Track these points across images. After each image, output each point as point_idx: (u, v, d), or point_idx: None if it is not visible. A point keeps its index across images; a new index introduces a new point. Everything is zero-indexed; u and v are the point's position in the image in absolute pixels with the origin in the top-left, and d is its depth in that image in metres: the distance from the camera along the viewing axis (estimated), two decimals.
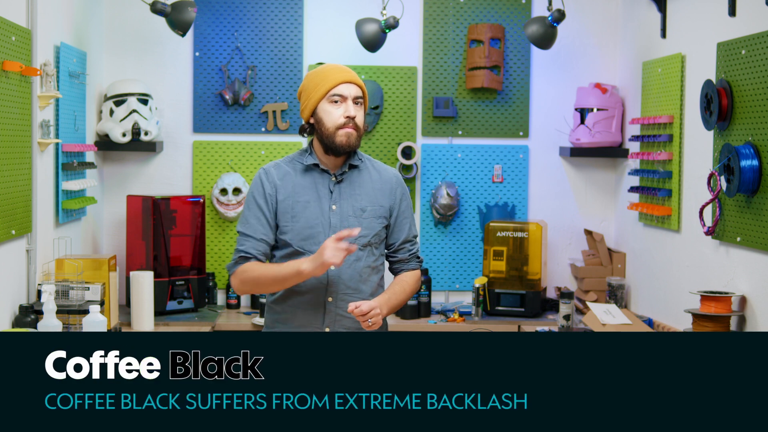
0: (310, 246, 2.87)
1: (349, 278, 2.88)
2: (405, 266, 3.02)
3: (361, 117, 2.90)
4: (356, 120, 2.88)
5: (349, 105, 2.87)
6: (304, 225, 2.87)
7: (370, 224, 2.92)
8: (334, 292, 2.87)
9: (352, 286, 2.89)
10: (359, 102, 2.90)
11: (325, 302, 2.87)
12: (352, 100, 2.88)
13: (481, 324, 4.41)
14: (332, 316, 2.87)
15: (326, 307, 2.87)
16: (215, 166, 4.79)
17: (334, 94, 2.87)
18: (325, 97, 2.88)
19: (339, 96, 2.87)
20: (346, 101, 2.87)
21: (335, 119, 2.87)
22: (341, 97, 2.87)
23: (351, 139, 2.87)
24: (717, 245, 3.62)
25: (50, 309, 3.06)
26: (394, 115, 4.85)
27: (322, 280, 2.86)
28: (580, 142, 4.67)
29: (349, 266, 2.88)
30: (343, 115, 2.86)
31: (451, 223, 4.88)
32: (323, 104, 2.89)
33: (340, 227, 2.88)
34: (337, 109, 2.87)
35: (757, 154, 3.26)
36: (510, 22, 4.84)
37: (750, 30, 3.37)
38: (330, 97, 2.87)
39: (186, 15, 4.25)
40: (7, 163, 3.28)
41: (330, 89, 2.87)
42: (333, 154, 2.91)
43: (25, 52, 3.45)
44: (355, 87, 2.90)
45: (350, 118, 2.86)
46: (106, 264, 3.80)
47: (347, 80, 2.88)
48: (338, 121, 2.86)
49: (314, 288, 2.87)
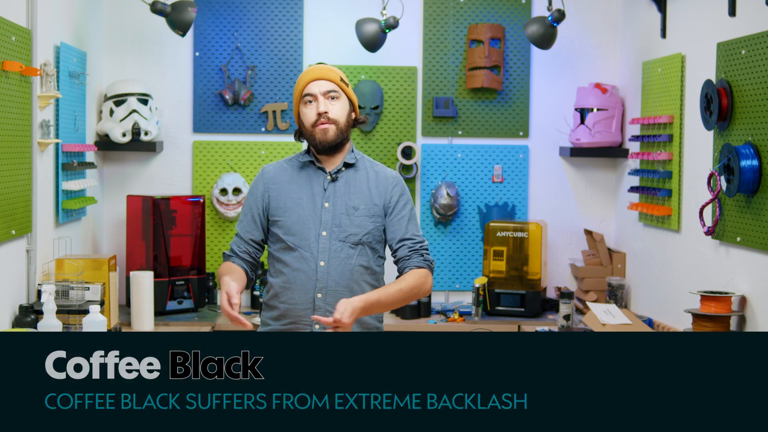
0: (299, 241, 2.90)
1: (339, 275, 2.89)
2: (407, 263, 2.95)
3: (337, 110, 2.92)
4: (329, 114, 2.91)
5: (320, 101, 2.91)
6: (295, 220, 2.92)
7: (362, 222, 2.93)
8: (323, 289, 2.88)
9: (343, 284, 2.89)
10: (333, 96, 2.93)
11: (314, 298, 2.88)
12: (323, 96, 2.91)
13: (481, 324, 4.41)
14: (322, 312, 2.87)
15: (315, 303, 2.88)
16: (215, 166, 4.79)
17: (305, 94, 2.94)
18: (301, 100, 2.95)
19: (309, 95, 2.93)
20: (317, 99, 2.92)
21: (309, 119, 2.93)
22: (311, 96, 2.92)
23: (327, 135, 2.90)
24: (717, 245, 3.62)
25: (50, 309, 3.06)
26: (394, 115, 4.85)
27: (312, 276, 2.88)
28: (580, 142, 4.67)
29: (339, 263, 2.89)
30: (315, 113, 2.90)
31: (451, 223, 4.88)
32: (300, 107, 2.96)
33: (331, 224, 2.91)
34: (310, 109, 2.93)
35: (757, 154, 3.26)
36: (510, 22, 4.84)
37: (750, 30, 3.37)
38: (303, 99, 2.95)
39: (186, 15, 4.25)
40: (7, 163, 3.28)
41: (302, 92, 2.95)
42: (319, 152, 2.95)
43: (25, 52, 3.45)
44: (325, 82, 2.92)
45: (320, 113, 2.90)
46: (106, 264, 3.80)
47: (314, 78, 2.93)
48: (311, 120, 2.92)
49: (304, 285, 2.89)
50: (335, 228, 2.91)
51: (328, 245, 2.89)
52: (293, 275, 2.90)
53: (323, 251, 2.89)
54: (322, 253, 2.89)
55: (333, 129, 2.91)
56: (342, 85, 2.95)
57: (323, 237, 2.90)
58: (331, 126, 2.90)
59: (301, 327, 2.90)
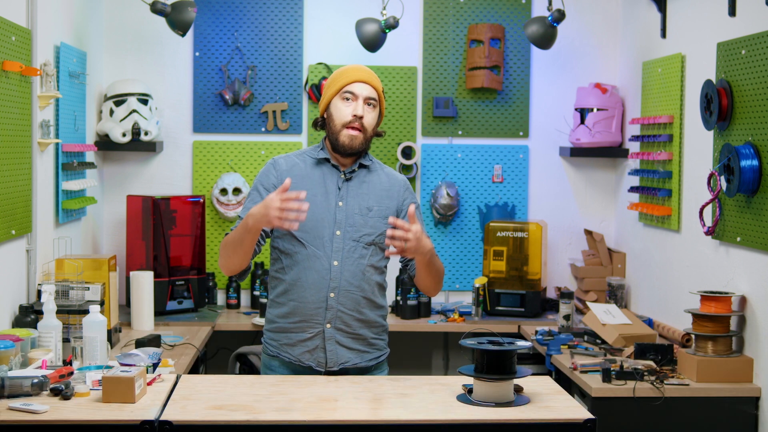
0: (313, 239, 2.87)
1: (352, 275, 2.88)
2: None
3: (370, 119, 2.90)
4: (364, 121, 2.88)
5: (359, 104, 2.88)
6: (309, 218, 2.84)
7: (376, 224, 2.92)
8: (336, 288, 2.87)
9: (355, 283, 2.89)
10: (372, 104, 2.91)
11: (327, 298, 2.87)
12: (363, 100, 2.89)
13: (481, 324, 4.41)
14: (333, 311, 2.87)
15: (328, 302, 2.87)
16: (215, 166, 4.79)
17: (346, 91, 2.89)
18: (339, 93, 2.90)
19: (351, 93, 2.89)
20: (357, 100, 2.88)
21: (343, 116, 2.88)
22: (353, 95, 2.89)
23: (354, 141, 2.88)
24: (717, 245, 3.62)
25: (50, 309, 3.06)
26: (394, 115, 4.85)
27: (325, 276, 2.87)
28: (580, 142, 4.67)
29: (352, 263, 2.88)
30: (352, 113, 2.87)
31: (451, 223, 4.88)
32: (335, 100, 2.91)
33: (345, 224, 2.89)
34: (347, 107, 2.89)
35: (757, 154, 3.26)
36: (510, 22, 4.84)
37: (750, 30, 3.37)
38: (342, 94, 2.90)
39: (186, 15, 4.25)
40: (7, 163, 3.28)
41: (344, 86, 2.90)
42: (338, 153, 2.92)
43: (25, 52, 3.45)
44: (370, 88, 2.91)
45: (357, 117, 2.87)
46: (106, 264, 3.80)
47: (361, 79, 2.90)
48: (345, 119, 2.88)
49: (316, 283, 2.87)
50: (349, 227, 2.89)
51: (342, 245, 2.88)
52: (305, 273, 2.88)
53: (337, 251, 2.88)
54: (336, 253, 2.87)
55: (361, 137, 2.88)
56: (382, 96, 2.95)
57: (337, 236, 2.88)
58: (360, 134, 2.88)
59: (311, 325, 2.90)
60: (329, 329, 2.88)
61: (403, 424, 2.47)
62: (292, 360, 2.91)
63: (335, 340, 2.89)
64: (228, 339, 4.52)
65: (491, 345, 2.61)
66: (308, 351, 2.90)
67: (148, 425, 2.40)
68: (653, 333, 3.85)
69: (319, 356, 2.90)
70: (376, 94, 2.92)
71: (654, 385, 3.32)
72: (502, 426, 2.49)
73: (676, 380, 3.37)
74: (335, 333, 2.88)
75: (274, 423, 2.44)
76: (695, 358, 3.38)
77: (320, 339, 2.89)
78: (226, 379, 2.84)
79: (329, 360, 2.89)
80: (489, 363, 2.58)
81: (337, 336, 2.88)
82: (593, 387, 3.32)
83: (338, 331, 2.88)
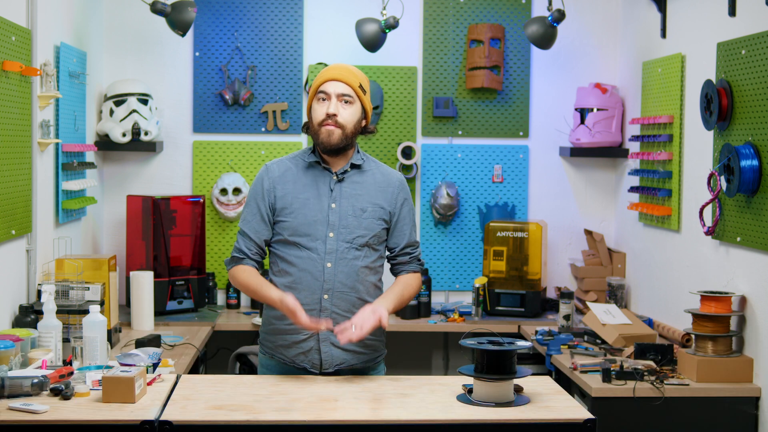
0: (307, 242, 2.89)
1: (346, 276, 2.89)
2: (405, 267, 3.03)
3: (346, 115, 2.90)
4: (338, 118, 2.88)
5: (332, 102, 2.89)
6: (302, 221, 2.89)
7: (370, 225, 2.92)
8: (330, 290, 2.88)
9: (349, 285, 2.89)
10: (347, 100, 2.91)
11: (321, 299, 2.88)
12: (336, 98, 2.89)
13: (481, 324, 4.41)
14: (328, 313, 2.87)
15: (322, 304, 2.87)
16: (215, 166, 4.79)
17: (320, 91, 2.92)
18: (315, 95, 2.93)
19: (324, 93, 2.91)
20: (330, 98, 2.90)
21: (318, 116, 2.91)
22: (326, 94, 2.90)
23: (332, 137, 2.88)
24: (717, 245, 3.62)
25: (50, 309, 3.06)
26: (394, 115, 4.85)
27: (318, 278, 2.87)
28: (580, 142, 4.67)
29: (346, 264, 2.89)
30: (325, 112, 2.89)
31: (451, 223, 4.88)
32: (313, 102, 2.95)
33: (338, 226, 2.89)
34: (321, 107, 2.91)
35: (757, 154, 3.26)
36: (510, 22, 4.84)
37: (750, 30, 3.37)
38: (317, 95, 2.92)
39: (186, 15, 4.25)
40: (7, 163, 3.28)
41: (318, 87, 2.93)
42: (324, 152, 2.94)
43: (25, 52, 3.45)
44: (342, 84, 2.90)
45: (329, 114, 2.88)
46: (106, 264, 3.80)
47: (333, 78, 2.91)
48: (320, 118, 2.90)
49: (311, 285, 2.88)
50: (343, 229, 2.90)
51: (335, 246, 2.89)
52: (300, 276, 2.89)
53: (330, 252, 2.88)
54: (330, 255, 2.88)
55: (338, 133, 2.88)
56: (359, 91, 2.92)
57: (330, 238, 2.89)
58: (337, 129, 2.88)
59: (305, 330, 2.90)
60: (324, 331, 2.88)
61: (403, 424, 2.47)
62: (287, 361, 2.92)
63: (330, 342, 2.89)
64: (228, 339, 4.52)
65: (491, 345, 2.61)
66: (303, 353, 2.90)
67: (148, 425, 2.40)
68: (653, 333, 3.85)
69: (313, 358, 2.90)
70: (351, 90, 2.91)
71: (654, 385, 3.32)
72: (502, 426, 2.49)
73: (676, 380, 3.37)
74: (330, 335, 2.87)
75: (274, 423, 2.44)
76: (695, 358, 3.38)
77: (315, 341, 2.89)
78: (226, 379, 2.84)
79: (324, 362, 2.89)
80: (489, 363, 2.58)
81: (331, 337, 2.88)
82: (593, 387, 3.32)
83: (333, 333, 2.88)
